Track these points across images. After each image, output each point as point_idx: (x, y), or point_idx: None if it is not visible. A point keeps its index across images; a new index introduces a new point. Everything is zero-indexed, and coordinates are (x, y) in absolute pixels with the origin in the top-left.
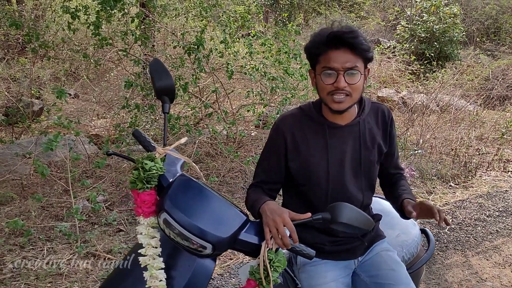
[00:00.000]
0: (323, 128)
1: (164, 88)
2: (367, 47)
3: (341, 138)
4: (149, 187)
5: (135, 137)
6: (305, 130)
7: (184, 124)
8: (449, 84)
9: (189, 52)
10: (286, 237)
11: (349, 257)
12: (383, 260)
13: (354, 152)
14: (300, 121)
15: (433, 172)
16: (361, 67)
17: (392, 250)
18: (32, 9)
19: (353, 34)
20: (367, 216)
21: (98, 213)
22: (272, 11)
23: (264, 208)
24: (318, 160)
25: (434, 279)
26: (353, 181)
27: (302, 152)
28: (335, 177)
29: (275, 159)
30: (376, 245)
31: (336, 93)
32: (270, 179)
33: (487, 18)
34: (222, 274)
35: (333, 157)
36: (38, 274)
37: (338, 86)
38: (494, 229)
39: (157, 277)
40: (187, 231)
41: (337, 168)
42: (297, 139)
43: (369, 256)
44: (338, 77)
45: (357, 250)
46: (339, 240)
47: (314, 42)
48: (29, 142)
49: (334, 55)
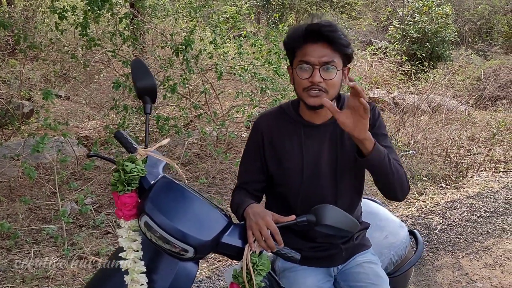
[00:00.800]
0: (298, 127)
1: (145, 88)
2: (346, 42)
3: (317, 138)
4: (130, 189)
5: (117, 139)
6: (282, 129)
7: (173, 126)
8: (440, 85)
9: (177, 53)
10: (270, 239)
11: (328, 265)
12: (364, 272)
13: (331, 153)
14: (278, 119)
15: (424, 173)
16: (338, 63)
17: (375, 262)
18: (22, 10)
19: (332, 28)
20: (352, 219)
21: (86, 215)
22: (264, 12)
23: (248, 212)
24: (293, 160)
25: (424, 280)
26: (329, 183)
27: (278, 151)
28: (309, 178)
29: (257, 158)
30: (359, 255)
31: (311, 89)
32: (253, 179)
33: (479, 18)
34: (210, 277)
35: (308, 157)
36: (25, 277)
37: (313, 81)
38: (485, 230)
39: (138, 281)
40: (168, 234)
41: (312, 168)
42: (274, 138)
43: (350, 266)
44: (314, 72)
45: (336, 258)
46: (317, 246)
47: (292, 36)
48: (18, 144)
49: (311, 49)
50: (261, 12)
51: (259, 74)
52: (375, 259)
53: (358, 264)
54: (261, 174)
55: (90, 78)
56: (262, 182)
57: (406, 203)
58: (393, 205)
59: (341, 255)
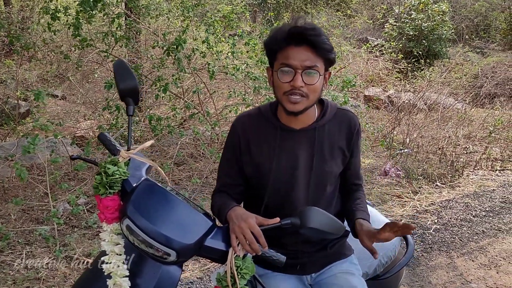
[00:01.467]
0: (275, 131)
1: (127, 90)
2: (330, 47)
3: (294, 143)
4: (112, 192)
5: (101, 141)
6: (258, 131)
7: (167, 125)
8: (437, 82)
9: (168, 53)
10: (254, 243)
11: (299, 273)
12: (337, 283)
13: (307, 160)
14: (255, 121)
15: (419, 171)
16: (321, 67)
17: (352, 273)
18: (19, 11)
19: (316, 32)
20: (337, 221)
21: (78, 216)
22: (260, 10)
23: (231, 214)
24: (267, 164)
25: (418, 281)
26: (303, 190)
27: (254, 154)
28: (282, 183)
29: (234, 160)
30: (335, 265)
31: (292, 93)
32: (233, 182)
33: (476, 15)
34: (202, 278)
35: (282, 162)
36: (16, 278)
37: (294, 85)
38: (480, 230)
39: (121, 285)
40: (150, 238)
41: (287, 173)
42: (250, 140)
43: (325, 276)
44: (295, 76)
45: (308, 267)
46: (287, 254)
47: (274, 37)
48: (12, 144)
49: (294, 52)
50: (257, 10)
51: (252, 74)
52: (353, 269)
53: (333, 275)
54: (240, 177)
55: (85, 78)
56: (241, 185)
57: (400, 202)
58: (387, 204)
59: (313, 263)
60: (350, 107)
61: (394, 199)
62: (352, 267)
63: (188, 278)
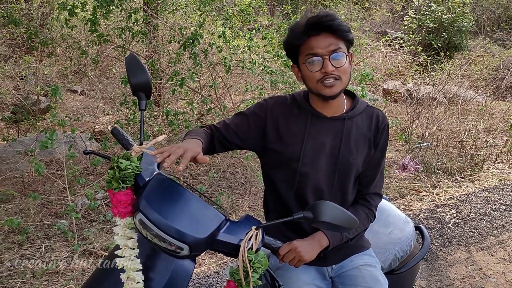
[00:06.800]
0: (306, 116)
1: (139, 85)
2: (347, 28)
3: (322, 129)
4: (125, 186)
5: (114, 135)
6: (289, 116)
7: (183, 120)
8: (457, 75)
9: (184, 47)
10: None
11: (320, 264)
12: (361, 275)
13: (333, 148)
14: (287, 107)
15: (438, 165)
16: (344, 49)
17: (374, 265)
18: (39, 7)
19: (331, 17)
20: (350, 215)
21: (96, 211)
22: (278, 4)
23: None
24: (294, 144)
25: (436, 275)
26: (325, 176)
27: (282, 136)
28: (306, 166)
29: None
30: (357, 257)
31: (326, 79)
32: (228, 136)
33: (498, 6)
34: (218, 272)
35: (308, 145)
36: (35, 272)
37: (326, 71)
38: (500, 224)
39: (134, 279)
40: (163, 232)
41: (311, 157)
42: (279, 123)
43: (348, 268)
44: (324, 62)
45: (329, 258)
46: None
47: (293, 34)
48: (32, 139)
49: (316, 41)
50: (275, 4)
51: (268, 68)
52: (373, 261)
53: (355, 267)
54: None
55: (103, 73)
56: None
57: (419, 196)
58: (405, 199)
59: (335, 253)
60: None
61: (413, 193)
62: (372, 259)
63: (204, 272)
